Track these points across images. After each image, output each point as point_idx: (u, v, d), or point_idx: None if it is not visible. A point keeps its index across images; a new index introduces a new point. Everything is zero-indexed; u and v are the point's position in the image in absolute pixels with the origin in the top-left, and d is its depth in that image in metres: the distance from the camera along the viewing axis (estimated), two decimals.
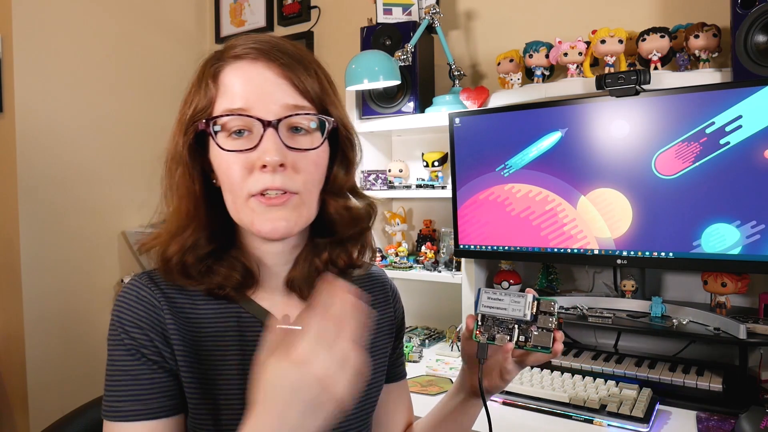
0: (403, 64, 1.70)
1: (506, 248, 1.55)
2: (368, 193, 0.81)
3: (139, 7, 2.40)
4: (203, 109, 0.68)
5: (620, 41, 1.47)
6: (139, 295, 0.68)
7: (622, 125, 1.35)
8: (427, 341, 1.79)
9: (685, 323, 1.35)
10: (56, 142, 2.12)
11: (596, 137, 1.39)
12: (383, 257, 1.92)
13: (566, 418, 1.22)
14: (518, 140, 1.50)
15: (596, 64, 1.57)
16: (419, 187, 1.84)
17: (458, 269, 1.72)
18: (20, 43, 2.01)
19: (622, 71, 1.35)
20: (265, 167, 0.64)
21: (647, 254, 1.35)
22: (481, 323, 0.80)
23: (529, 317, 0.78)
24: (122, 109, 2.34)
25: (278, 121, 0.65)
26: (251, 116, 0.65)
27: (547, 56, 1.60)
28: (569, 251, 1.47)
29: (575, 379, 1.34)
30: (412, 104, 1.78)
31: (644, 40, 1.45)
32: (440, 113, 1.69)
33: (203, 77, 0.69)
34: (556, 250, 1.48)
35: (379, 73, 1.62)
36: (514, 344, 0.77)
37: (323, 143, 0.69)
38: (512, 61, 1.68)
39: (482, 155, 1.56)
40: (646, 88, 1.33)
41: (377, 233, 2.03)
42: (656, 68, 1.45)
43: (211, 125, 0.66)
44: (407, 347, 1.65)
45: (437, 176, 1.85)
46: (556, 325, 0.77)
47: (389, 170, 1.91)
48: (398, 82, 1.68)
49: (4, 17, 2.00)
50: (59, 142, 2.13)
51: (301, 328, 0.72)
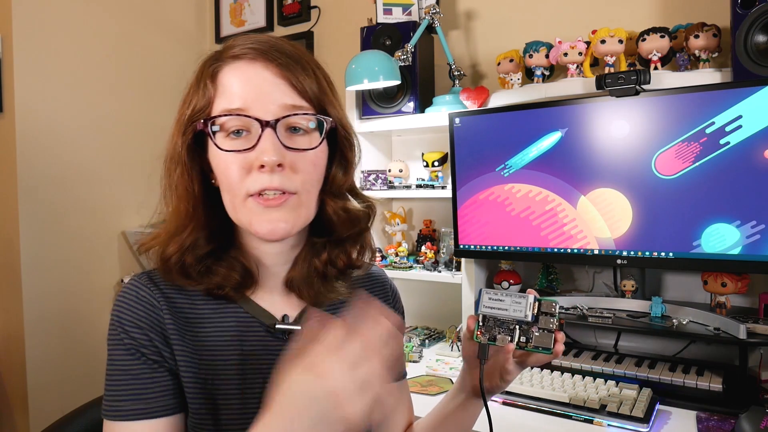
0: (403, 64, 1.70)
1: (506, 248, 1.55)
2: (368, 193, 0.81)
3: (139, 7, 2.40)
4: (202, 109, 0.68)
5: (620, 41, 1.47)
6: (138, 295, 0.68)
7: (622, 125, 1.35)
8: (427, 341, 1.79)
9: (685, 323, 1.35)
10: (56, 142, 2.12)
11: (596, 137, 1.39)
12: (383, 257, 1.92)
13: (566, 418, 1.22)
14: (518, 140, 1.50)
15: (596, 64, 1.57)
16: (419, 187, 1.84)
17: (458, 269, 1.72)
18: (20, 43, 2.01)
19: (622, 71, 1.35)
20: (263, 167, 0.64)
21: (647, 254, 1.35)
22: (482, 324, 0.80)
23: (530, 318, 0.78)
24: (122, 109, 2.34)
25: (276, 121, 0.65)
26: (249, 116, 0.65)
27: (547, 56, 1.60)
28: (569, 251, 1.47)
29: (575, 379, 1.34)
30: (412, 104, 1.78)
31: (644, 40, 1.45)
32: (440, 113, 1.69)
33: (202, 77, 0.69)
34: (556, 250, 1.48)
35: (379, 73, 1.62)
36: (515, 345, 0.77)
37: (321, 143, 0.69)
38: (512, 61, 1.68)
39: (482, 155, 1.56)
40: (646, 88, 1.33)
41: (377, 233, 2.03)
42: (656, 68, 1.45)
43: (209, 125, 0.66)
44: (407, 347, 1.65)
45: (437, 176, 1.85)
46: (557, 326, 0.77)
47: (389, 170, 1.91)
48: (398, 82, 1.68)
49: (4, 17, 2.00)
50: (59, 142, 2.13)
51: (300, 328, 0.72)
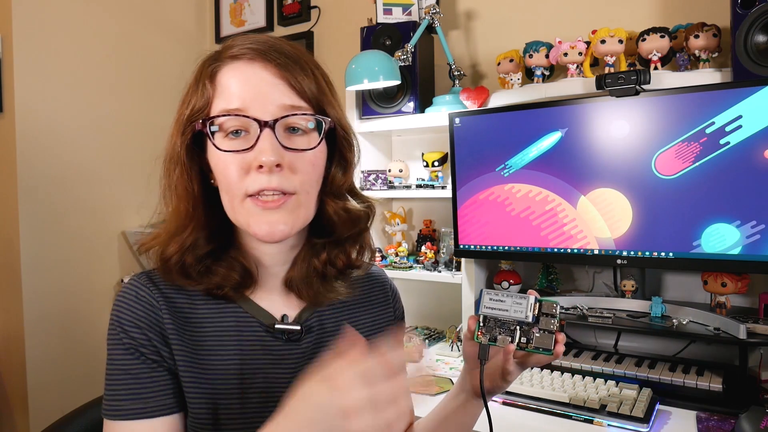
0: (403, 64, 1.69)
1: (506, 248, 1.55)
2: (368, 193, 0.81)
3: (139, 7, 2.40)
4: (200, 109, 0.68)
5: (620, 41, 1.47)
6: (137, 294, 0.69)
7: (622, 125, 1.35)
8: (427, 341, 1.79)
9: (685, 323, 1.35)
10: (56, 142, 2.12)
11: (596, 137, 1.39)
12: (383, 257, 1.92)
13: (566, 418, 1.22)
14: (518, 140, 1.49)
15: (596, 64, 1.57)
16: (419, 187, 1.83)
17: (458, 269, 1.72)
18: (20, 43, 2.01)
19: (622, 71, 1.35)
20: (261, 167, 0.64)
21: (647, 254, 1.35)
22: (482, 324, 0.80)
23: (530, 319, 0.78)
24: (122, 109, 2.34)
25: (275, 121, 0.65)
26: (248, 116, 0.65)
27: (547, 56, 1.60)
28: (569, 251, 1.46)
29: (575, 379, 1.34)
30: (412, 104, 1.78)
31: (644, 40, 1.45)
32: (440, 113, 1.69)
33: (200, 77, 0.69)
34: (556, 250, 1.48)
35: (379, 73, 1.62)
36: (515, 345, 0.77)
37: (320, 143, 0.69)
38: (512, 61, 1.68)
39: (482, 155, 1.56)
40: (646, 88, 1.33)
41: (377, 233, 2.03)
42: (656, 68, 1.45)
43: (208, 125, 0.66)
44: (407, 347, 1.65)
45: (437, 176, 1.85)
46: (557, 327, 0.77)
47: (389, 170, 1.91)
48: (398, 82, 1.68)
49: (4, 17, 2.00)
50: (59, 142, 2.13)
51: (299, 327, 0.72)
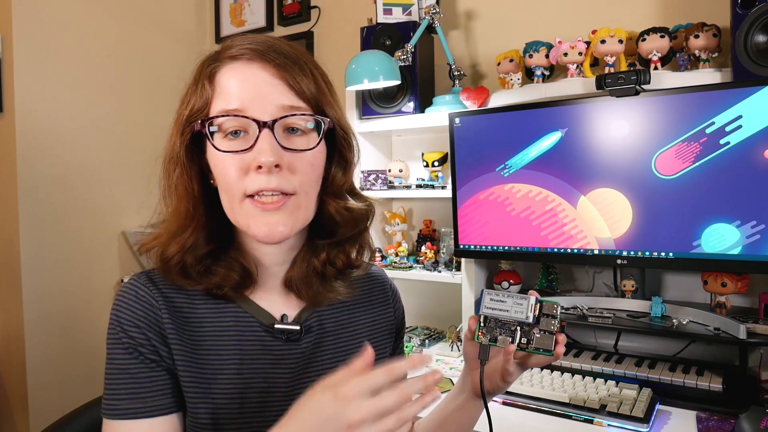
0: (403, 64, 1.69)
1: (506, 248, 1.55)
2: (368, 193, 0.81)
3: (139, 7, 2.40)
4: (200, 109, 0.68)
5: (620, 41, 1.47)
6: (137, 294, 0.69)
7: (622, 125, 1.35)
8: (427, 341, 1.79)
9: (685, 323, 1.35)
10: (56, 142, 2.12)
11: (596, 137, 1.39)
12: (383, 257, 1.92)
13: (566, 418, 1.22)
14: (518, 140, 1.49)
15: (596, 64, 1.57)
16: (419, 187, 1.83)
17: (458, 269, 1.72)
18: (20, 43, 2.01)
19: (622, 71, 1.35)
20: (260, 168, 0.64)
21: (647, 254, 1.35)
22: (483, 324, 0.80)
23: (531, 319, 0.78)
24: (122, 109, 2.34)
25: (274, 121, 0.65)
26: (247, 117, 0.65)
27: (547, 56, 1.60)
28: (569, 251, 1.46)
29: (575, 379, 1.34)
30: (412, 104, 1.78)
31: (644, 40, 1.45)
32: (440, 113, 1.69)
33: (199, 78, 0.69)
34: (556, 250, 1.48)
35: (379, 73, 1.62)
36: (515, 346, 0.77)
37: (319, 144, 0.69)
38: (512, 61, 1.68)
39: (482, 155, 1.56)
40: (646, 88, 1.33)
41: (377, 233, 2.03)
42: (656, 68, 1.44)
43: (207, 126, 0.66)
44: (407, 347, 1.65)
45: (437, 176, 1.85)
46: (558, 327, 0.77)
47: (389, 170, 1.91)
48: (398, 82, 1.68)
49: (4, 17, 2.00)
50: (59, 142, 2.13)
51: (298, 327, 0.72)
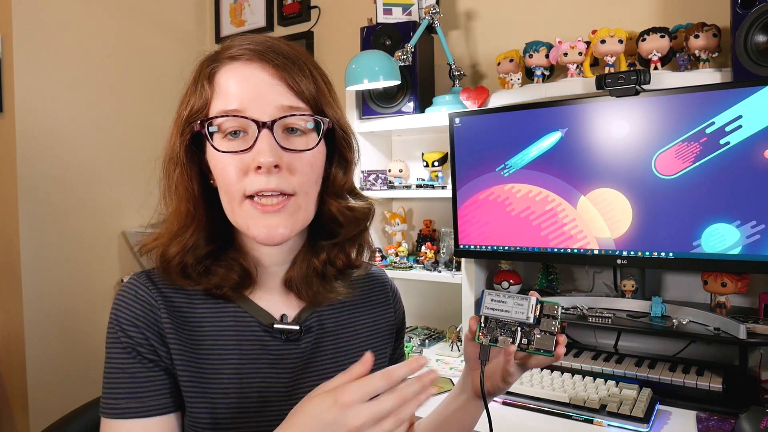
0: (403, 64, 1.69)
1: (506, 248, 1.55)
2: (368, 193, 0.81)
3: (139, 7, 2.40)
4: (199, 110, 0.68)
5: (620, 41, 1.46)
6: (136, 294, 0.69)
7: (622, 125, 1.35)
8: (427, 341, 1.79)
9: (685, 323, 1.35)
10: (56, 142, 2.12)
11: (596, 137, 1.39)
12: (383, 257, 1.92)
13: (566, 418, 1.22)
14: (518, 140, 1.49)
15: (596, 64, 1.57)
16: (419, 187, 1.83)
17: (458, 269, 1.72)
18: (20, 43, 2.01)
19: (622, 71, 1.35)
20: (259, 168, 0.64)
21: (647, 254, 1.35)
22: (484, 325, 0.80)
23: (531, 320, 0.78)
24: (122, 109, 2.34)
25: (273, 122, 0.65)
26: (246, 117, 0.65)
27: (547, 56, 1.60)
28: (569, 251, 1.46)
29: (575, 379, 1.34)
30: (412, 104, 1.78)
31: (644, 40, 1.45)
32: (440, 113, 1.69)
33: (199, 78, 0.69)
34: (556, 250, 1.48)
35: (379, 73, 1.62)
36: (516, 347, 0.77)
37: (319, 144, 0.69)
38: (512, 61, 1.68)
39: (482, 155, 1.56)
40: (646, 88, 1.33)
41: (377, 233, 2.03)
42: (656, 68, 1.44)
43: (206, 126, 0.66)
44: (407, 347, 1.65)
45: (437, 176, 1.85)
46: (558, 328, 0.77)
47: (389, 170, 1.91)
48: (398, 82, 1.68)
49: (4, 17, 2.00)
50: (59, 142, 2.13)
51: (298, 327, 0.72)
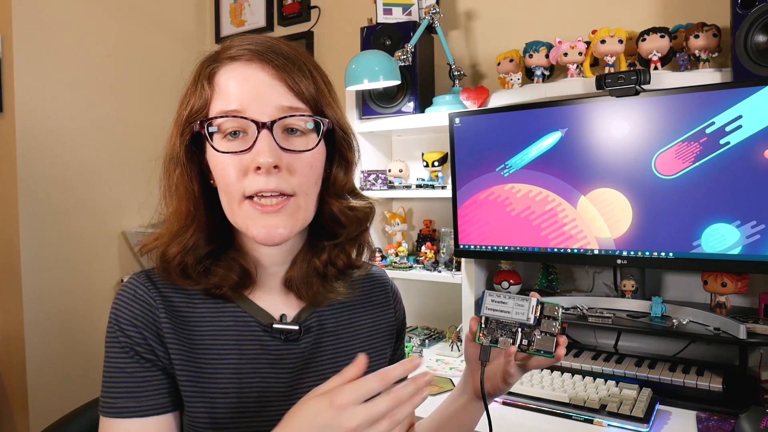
0: (403, 64, 1.69)
1: (506, 248, 1.55)
2: (368, 193, 0.81)
3: (139, 7, 2.40)
4: (199, 110, 0.68)
5: (620, 41, 1.46)
6: (135, 293, 0.69)
7: (622, 125, 1.35)
8: (427, 341, 1.79)
9: (685, 323, 1.35)
10: (56, 142, 2.12)
11: (596, 137, 1.39)
12: (383, 257, 1.92)
13: (566, 418, 1.22)
14: (518, 140, 1.49)
15: (596, 64, 1.57)
16: (419, 187, 1.83)
17: (458, 269, 1.72)
18: (20, 43, 2.01)
19: (622, 71, 1.35)
20: (259, 169, 0.64)
21: (647, 254, 1.35)
22: (484, 326, 0.80)
23: (532, 321, 0.78)
24: (122, 109, 2.34)
25: (272, 122, 0.65)
26: (246, 118, 0.65)
27: (547, 56, 1.60)
28: (569, 251, 1.46)
29: (575, 379, 1.34)
30: (412, 104, 1.78)
31: (644, 40, 1.45)
32: (440, 113, 1.69)
33: (199, 78, 0.69)
34: (556, 250, 1.48)
35: (379, 73, 1.62)
36: (516, 348, 0.77)
37: (318, 144, 0.69)
38: (512, 61, 1.68)
39: (482, 155, 1.56)
40: (646, 88, 1.33)
41: (377, 233, 2.03)
42: (656, 68, 1.44)
43: (206, 126, 0.66)
44: (407, 347, 1.65)
45: (437, 176, 1.85)
46: (559, 329, 0.77)
47: (389, 170, 1.91)
48: (398, 82, 1.68)
49: (4, 17, 2.00)
50: (59, 142, 2.13)
51: (297, 327, 0.72)
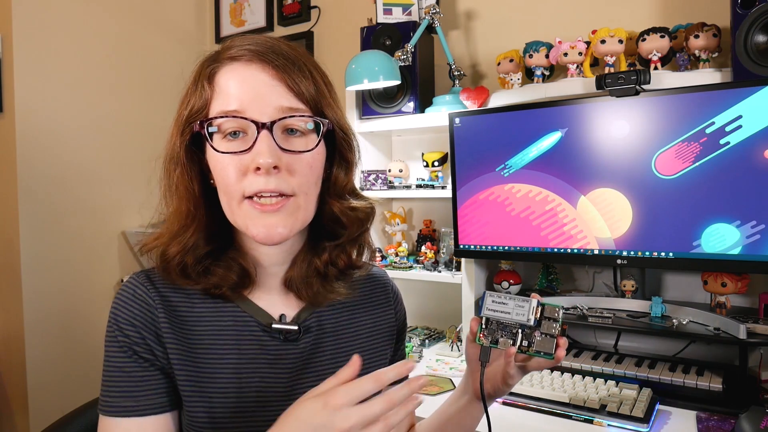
0: (403, 64, 1.69)
1: (506, 248, 1.55)
2: (368, 193, 0.81)
3: (139, 7, 2.40)
4: (199, 110, 0.68)
5: (620, 41, 1.46)
6: (134, 293, 0.69)
7: (622, 125, 1.35)
8: (427, 341, 1.79)
9: (685, 323, 1.35)
10: (56, 142, 2.12)
11: (596, 137, 1.39)
12: (383, 257, 1.92)
13: (566, 418, 1.22)
14: (518, 140, 1.49)
15: (596, 64, 1.57)
16: (419, 187, 1.83)
17: (458, 269, 1.72)
18: (20, 43, 2.01)
19: (622, 71, 1.35)
20: (258, 169, 0.64)
21: (647, 254, 1.35)
22: (484, 326, 0.80)
23: (532, 322, 0.78)
24: (122, 109, 2.34)
25: (272, 123, 0.65)
26: (245, 118, 0.65)
27: (547, 56, 1.60)
28: (569, 251, 1.46)
29: (575, 379, 1.34)
30: (412, 104, 1.78)
31: (644, 40, 1.45)
32: (440, 113, 1.69)
33: (199, 78, 0.69)
34: (556, 250, 1.48)
35: (379, 73, 1.62)
36: (516, 349, 0.77)
37: (318, 145, 0.69)
38: (512, 61, 1.68)
39: (482, 155, 1.55)
40: (646, 88, 1.33)
41: (377, 233, 2.03)
42: (656, 68, 1.44)
43: (206, 127, 0.66)
44: (407, 347, 1.65)
45: (437, 176, 1.85)
46: (559, 331, 0.77)
47: (389, 170, 1.91)
48: (398, 82, 1.68)
49: (4, 17, 2.00)
50: (59, 142, 2.13)
51: (296, 327, 0.72)
